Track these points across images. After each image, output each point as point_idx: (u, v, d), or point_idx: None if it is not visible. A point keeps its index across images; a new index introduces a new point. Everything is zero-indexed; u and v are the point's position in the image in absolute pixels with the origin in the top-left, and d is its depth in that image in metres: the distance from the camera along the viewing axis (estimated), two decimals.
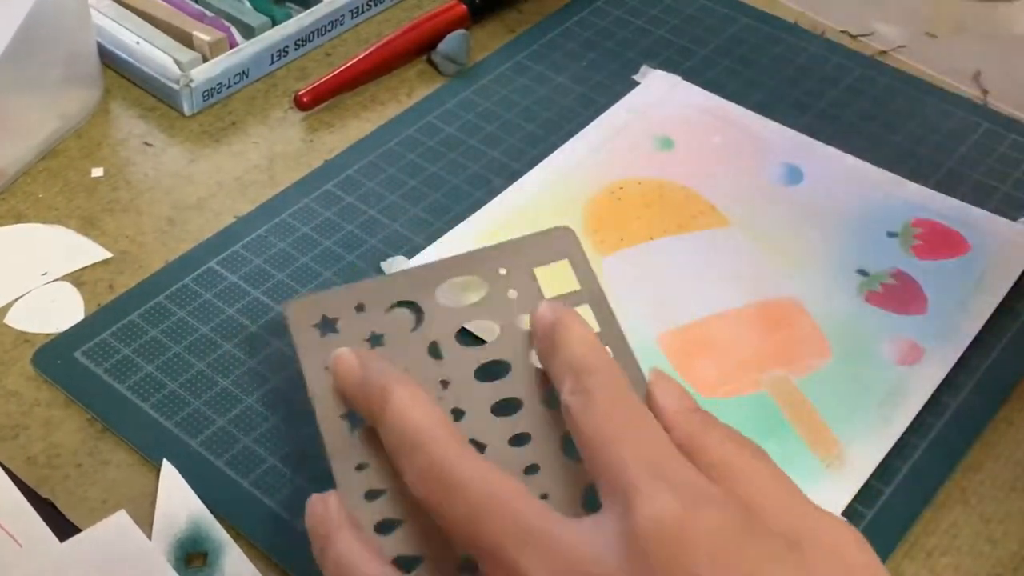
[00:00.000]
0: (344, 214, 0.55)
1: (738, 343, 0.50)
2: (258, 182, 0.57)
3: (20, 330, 0.50)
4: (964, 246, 0.54)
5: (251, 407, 0.47)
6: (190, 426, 0.46)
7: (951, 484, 0.46)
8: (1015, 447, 0.48)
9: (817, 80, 0.64)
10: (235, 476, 0.45)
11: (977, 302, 0.52)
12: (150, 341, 0.49)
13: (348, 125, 0.61)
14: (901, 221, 0.55)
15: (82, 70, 0.60)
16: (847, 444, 0.46)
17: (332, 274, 0.52)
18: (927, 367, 0.49)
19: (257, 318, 0.50)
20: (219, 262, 0.53)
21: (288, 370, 0.48)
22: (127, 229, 0.55)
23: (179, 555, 0.42)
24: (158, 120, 0.61)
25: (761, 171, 0.58)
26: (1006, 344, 0.51)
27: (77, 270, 0.53)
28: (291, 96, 0.61)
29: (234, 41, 0.62)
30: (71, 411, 0.47)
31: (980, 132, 0.61)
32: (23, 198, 0.56)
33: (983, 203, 0.57)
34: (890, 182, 0.58)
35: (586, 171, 0.57)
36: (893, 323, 0.51)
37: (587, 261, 0.41)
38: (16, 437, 0.46)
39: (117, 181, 0.57)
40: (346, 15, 0.66)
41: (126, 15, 0.63)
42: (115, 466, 0.45)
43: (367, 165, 0.58)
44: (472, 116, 0.61)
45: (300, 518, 0.43)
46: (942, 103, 0.63)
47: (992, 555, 0.44)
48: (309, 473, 0.45)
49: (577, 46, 0.66)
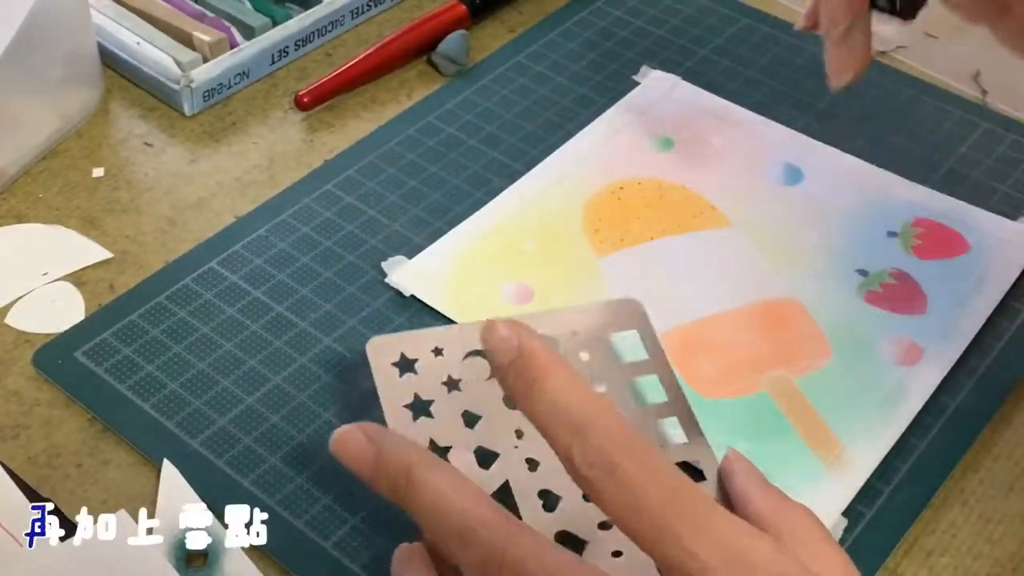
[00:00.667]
0: (344, 214, 0.55)
1: (738, 343, 0.50)
2: (258, 182, 0.57)
3: (21, 330, 0.50)
4: (964, 246, 0.54)
5: (251, 407, 0.47)
6: (190, 426, 0.46)
7: (950, 484, 0.46)
8: (1014, 447, 0.48)
9: (817, 80, 0.64)
10: (235, 476, 0.45)
11: (977, 302, 0.52)
12: (150, 341, 0.49)
13: (348, 125, 0.61)
14: (901, 221, 0.55)
15: (82, 70, 0.60)
16: (847, 444, 0.46)
17: (332, 274, 0.52)
18: (927, 367, 0.49)
19: (257, 318, 0.50)
20: (219, 262, 0.53)
21: (289, 370, 0.48)
22: (127, 229, 0.55)
23: (180, 555, 0.42)
24: (158, 120, 0.61)
25: (761, 171, 0.58)
26: (1006, 344, 0.51)
27: (78, 270, 0.53)
28: (291, 96, 0.61)
29: (234, 41, 0.62)
30: (71, 411, 0.47)
31: (979, 132, 0.61)
32: (23, 198, 0.56)
33: (983, 203, 0.57)
34: (890, 182, 0.58)
35: (586, 171, 0.58)
36: (893, 323, 0.51)
37: (655, 335, 0.42)
38: (17, 437, 0.46)
39: (117, 181, 0.57)
40: (346, 15, 0.66)
41: (126, 15, 0.63)
42: (115, 466, 0.45)
43: (367, 165, 0.58)
44: (472, 116, 0.61)
45: (300, 518, 0.43)
46: (941, 103, 0.63)
47: (991, 555, 0.44)
48: (309, 473, 0.45)
49: (577, 46, 0.66)
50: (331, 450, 0.37)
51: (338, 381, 0.48)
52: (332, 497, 0.44)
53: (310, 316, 0.51)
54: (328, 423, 0.46)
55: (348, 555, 0.42)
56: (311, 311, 0.51)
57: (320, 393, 0.48)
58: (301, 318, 0.50)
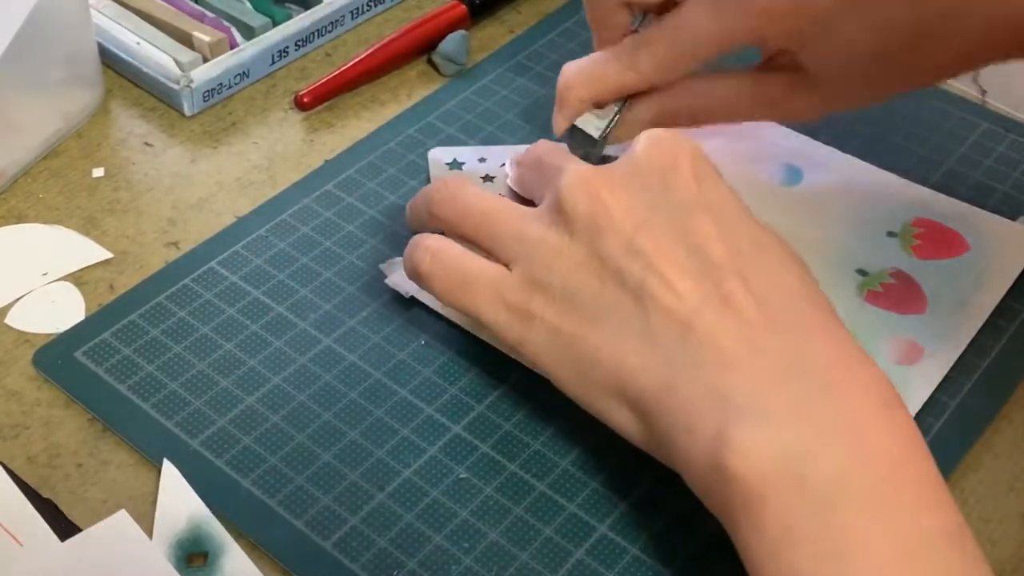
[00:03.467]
0: (344, 214, 0.55)
1: None
2: (258, 182, 0.57)
3: (21, 330, 0.50)
4: (964, 246, 0.54)
5: (252, 407, 0.47)
6: (191, 426, 0.46)
7: (950, 484, 0.46)
8: (1014, 447, 0.48)
9: None
10: (236, 476, 0.45)
11: (976, 302, 0.52)
12: (151, 341, 0.49)
13: (348, 125, 0.61)
14: (901, 221, 0.55)
15: (82, 70, 0.60)
16: None
17: (332, 274, 0.52)
18: (927, 367, 0.49)
19: (257, 318, 0.50)
20: (219, 262, 0.53)
21: (289, 370, 0.48)
22: (127, 229, 0.55)
23: (180, 555, 0.42)
24: (158, 120, 0.61)
25: (761, 171, 0.58)
26: (1006, 344, 0.51)
27: (78, 270, 0.53)
28: (291, 96, 0.62)
29: (234, 41, 0.62)
30: (72, 411, 0.47)
31: (979, 132, 0.61)
32: (24, 198, 0.56)
33: (983, 203, 0.57)
34: (890, 182, 0.58)
35: None
36: (893, 323, 0.51)
37: None
38: (17, 437, 0.46)
39: (118, 181, 0.57)
40: (346, 16, 0.66)
41: (126, 15, 0.63)
42: (116, 466, 0.45)
43: (367, 165, 0.58)
44: (472, 116, 0.61)
45: (300, 518, 0.43)
46: (942, 103, 0.63)
47: (991, 555, 0.44)
48: (310, 473, 0.45)
49: (577, 46, 0.66)
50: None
51: (339, 382, 0.48)
52: (332, 497, 0.44)
53: (310, 316, 0.51)
54: (328, 423, 0.46)
55: (348, 555, 0.42)
56: (311, 311, 0.51)
57: (320, 393, 0.48)
58: (301, 318, 0.50)
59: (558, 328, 0.42)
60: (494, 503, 0.44)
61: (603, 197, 0.42)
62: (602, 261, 0.42)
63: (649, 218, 0.42)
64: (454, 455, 0.46)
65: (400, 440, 0.46)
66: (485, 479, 0.45)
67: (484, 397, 0.48)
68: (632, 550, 0.43)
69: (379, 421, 0.47)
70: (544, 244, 0.43)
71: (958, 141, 0.61)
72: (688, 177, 0.42)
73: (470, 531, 0.43)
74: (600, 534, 0.43)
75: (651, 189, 0.42)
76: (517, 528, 0.43)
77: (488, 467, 0.45)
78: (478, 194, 0.46)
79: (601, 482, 0.45)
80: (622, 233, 0.41)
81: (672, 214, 0.42)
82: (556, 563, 0.42)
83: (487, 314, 0.44)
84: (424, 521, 0.43)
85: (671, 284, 0.40)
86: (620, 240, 0.41)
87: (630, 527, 0.44)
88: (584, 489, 0.45)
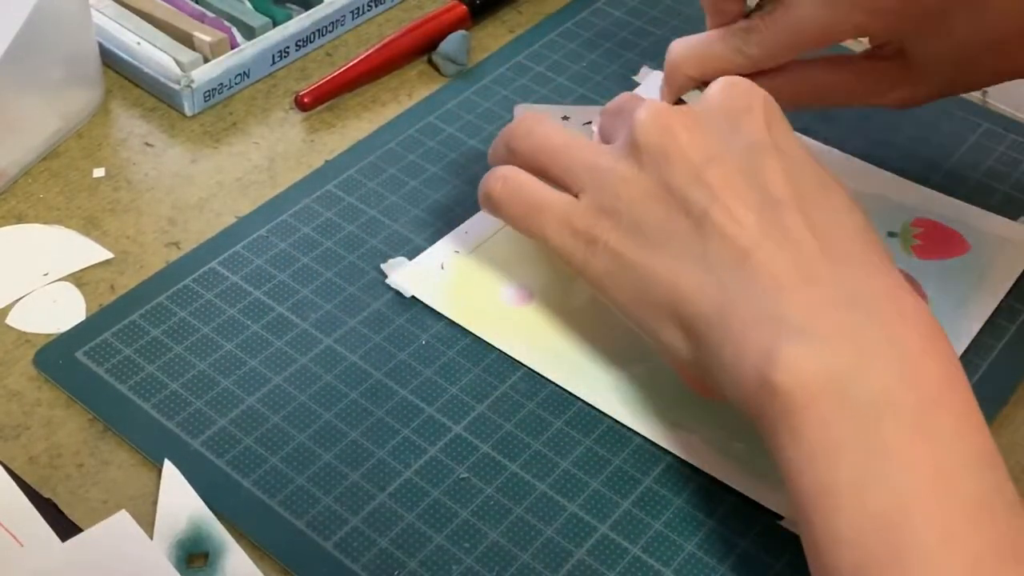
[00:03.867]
0: (345, 214, 0.55)
1: None
2: (259, 182, 0.57)
3: (21, 330, 0.50)
4: (964, 246, 0.54)
5: (252, 407, 0.47)
6: (191, 426, 0.46)
7: None
8: (1015, 447, 0.48)
9: None
10: (236, 476, 0.45)
11: (977, 302, 0.52)
12: (151, 341, 0.49)
13: (349, 125, 0.61)
14: (901, 221, 0.56)
15: (83, 70, 0.60)
16: None
17: (333, 274, 0.52)
18: None
19: (258, 318, 0.50)
20: (220, 262, 0.53)
21: (289, 370, 0.48)
22: (128, 229, 0.55)
23: (180, 555, 0.42)
24: (159, 120, 0.61)
25: None
26: (1006, 344, 0.51)
27: (78, 270, 0.53)
28: (292, 97, 0.62)
29: (235, 42, 0.62)
30: (72, 411, 0.47)
31: (979, 132, 0.61)
32: (24, 198, 0.56)
33: (983, 203, 0.57)
34: (890, 182, 0.58)
35: None
36: None
37: None
38: (18, 437, 0.46)
39: (118, 181, 0.57)
40: (347, 16, 0.66)
41: (126, 15, 0.63)
42: (116, 466, 0.45)
43: (368, 165, 0.58)
44: (473, 117, 0.61)
45: (301, 518, 0.43)
46: (941, 103, 0.63)
47: None
48: (310, 473, 0.45)
49: (577, 47, 0.66)
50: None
51: (339, 382, 0.48)
52: (333, 498, 0.44)
53: (311, 316, 0.51)
54: (329, 423, 0.46)
55: (349, 555, 0.42)
56: (312, 311, 0.51)
57: (321, 393, 0.48)
58: (302, 318, 0.50)
59: (621, 253, 0.44)
60: (495, 503, 0.44)
61: (675, 130, 0.43)
62: (669, 190, 0.43)
63: (718, 153, 0.43)
64: (455, 455, 0.46)
65: (401, 440, 0.46)
66: (486, 479, 0.45)
67: (485, 397, 0.48)
68: (633, 550, 0.43)
69: (380, 421, 0.47)
70: (614, 173, 0.44)
71: (959, 141, 0.61)
72: (760, 120, 0.43)
73: (471, 531, 0.43)
74: (601, 534, 0.43)
75: (723, 128, 0.44)
76: (518, 528, 0.43)
77: (489, 467, 0.45)
78: (556, 128, 0.48)
79: (602, 482, 0.45)
80: (691, 164, 0.43)
81: (741, 152, 0.43)
82: (557, 563, 0.42)
83: (554, 238, 0.46)
84: (425, 521, 0.43)
85: (734, 214, 0.41)
86: (688, 171, 0.43)
87: (631, 527, 0.44)
88: (585, 489, 0.45)
